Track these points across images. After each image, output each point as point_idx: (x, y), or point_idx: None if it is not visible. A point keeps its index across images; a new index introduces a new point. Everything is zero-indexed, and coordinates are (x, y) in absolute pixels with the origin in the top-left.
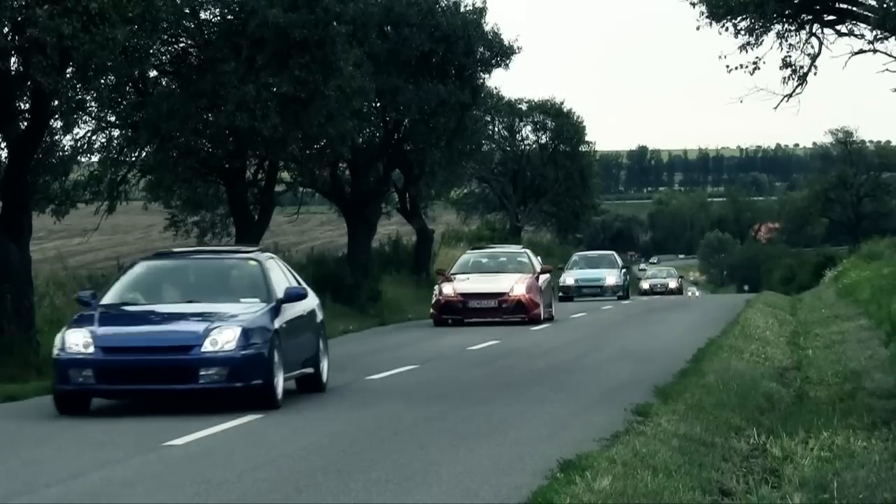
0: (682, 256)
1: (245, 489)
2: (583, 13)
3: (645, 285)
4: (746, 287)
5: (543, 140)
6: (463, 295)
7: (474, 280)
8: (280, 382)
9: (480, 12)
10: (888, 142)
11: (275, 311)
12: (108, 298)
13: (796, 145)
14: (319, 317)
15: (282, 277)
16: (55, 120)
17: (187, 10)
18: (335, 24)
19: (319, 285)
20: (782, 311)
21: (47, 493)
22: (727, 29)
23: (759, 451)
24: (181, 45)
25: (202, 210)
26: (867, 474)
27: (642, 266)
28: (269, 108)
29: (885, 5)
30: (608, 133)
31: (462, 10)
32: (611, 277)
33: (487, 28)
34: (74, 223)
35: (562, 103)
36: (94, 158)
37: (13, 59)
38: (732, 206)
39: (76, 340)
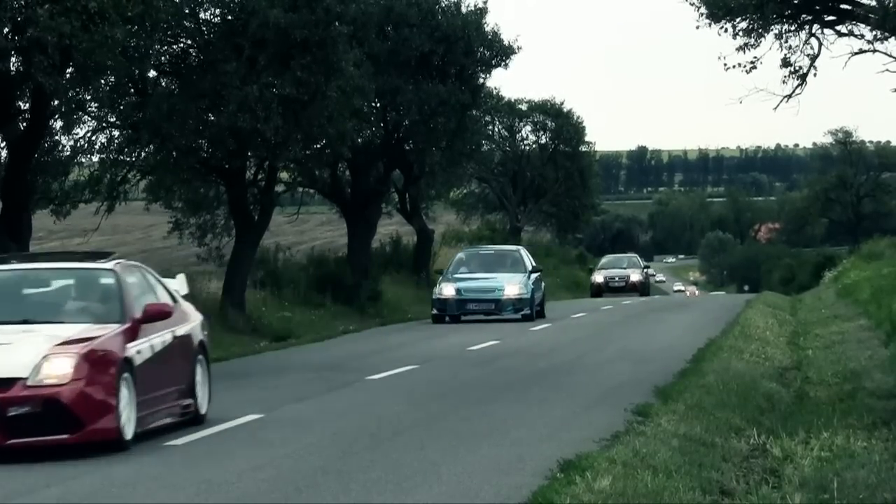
0: (682, 256)
1: (245, 489)
2: (583, 13)
3: (598, 279)
4: (746, 287)
5: (543, 140)
6: None
7: None
8: None
9: (481, 12)
10: (888, 142)
11: None
12: None
13: (796, 145)
14: None
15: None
16: (55, 120)
17: (187, 11)
18: (336, 24)
19: (320, 285)
20: (782, 311)
21: (47, 493)
22: (726, 30)
23: (759, 451)
24: (181, 45)
25: (202, 211)
26: (867, 474)
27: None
28: (271, 109)
29: (885, 5)
30: (608, 133)
31: (463, 10)
32: (512, 286)
33: (488, 28)
34: (74, 223)
35: (562, 103)
36: (95, 158)
37: (14, 60)
38: (732, 206)
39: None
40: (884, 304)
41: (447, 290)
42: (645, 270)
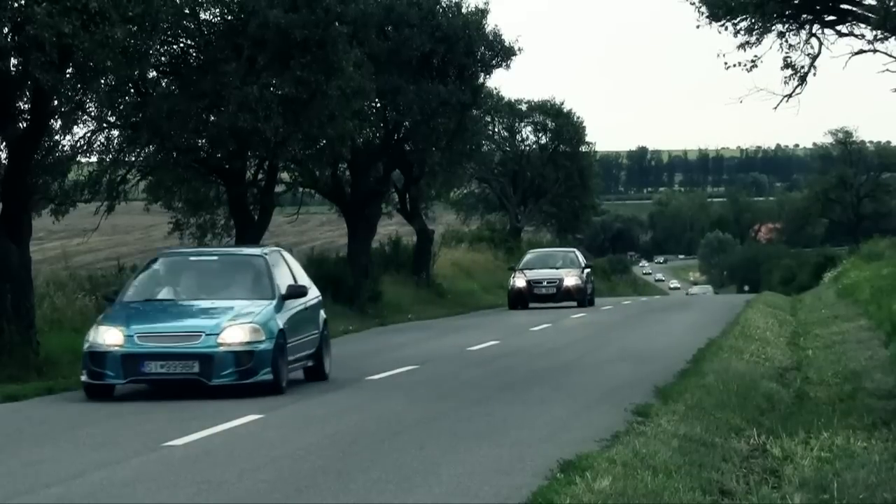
0: (682, 257)
1: (245, 489)
2: (583, 14)
3: (519, 282)
4: (747, 287)
5: (543, 140)
6: None
7: None
8: None
9: (482, 13)
10: (888, 142)
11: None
12: None
13: (796, 145)
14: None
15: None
16: (55, 120)
17: (187, 11)
18: (336, 24)
19: (320, 285)
20: (782, 311)
21: (47, 493)
22: (727, 29)
23: (759, 451)
24: (181, 45)
25: (202, 211)
26: (867, 474)
27: (643, 267)
28: (271, 109)
29: (885, 5)
30: (608, 133)
31: (463, 10)
32: (237, 328)
33: (489, 29)
34: (74, 223)
35: (562, 104)
36: (94, 159)
37: (13, 60)
38: (732, 206)
39: None
40: (884, 305)
41: (110, 333)
42: (586, 271)
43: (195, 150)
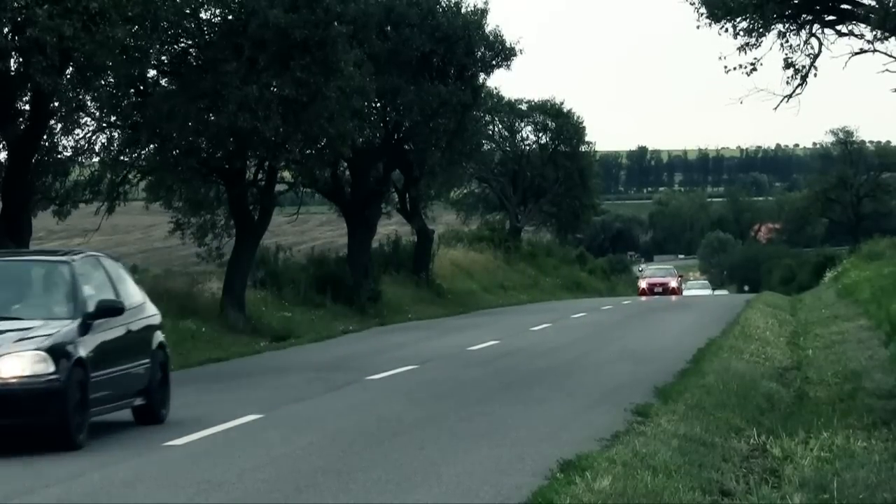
0: (682, 256)
1: (245, 489)
2: (584, 14)
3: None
4: (747, 287)
5: (543, 140)
6: None
7: None
8: None
9: (482, 13)
10: (888, 142)
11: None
12: None
13: (796, 145)
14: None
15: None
16: (55, 121)
17: (187, 11)
18: (336, 24)
19: (319, 285)
20: (782, 311)
21: (47, 493)
22: (727, 30)
23: (759, 451)
24: (181, 45)
25: (202, 211)
26: (867, 474)
27: (641, 267)
28: (271, 109)
29: (885, 5)
30: (608, 133)
31: (463, 10)
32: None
33: (489, 29)
34: (75, 223)
35: (562, 103)
36: (95, 159)
37: (13, 60)
38: (732, 206)
39: None
40: (884, 304)
41: None
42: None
43: (195, 150)
